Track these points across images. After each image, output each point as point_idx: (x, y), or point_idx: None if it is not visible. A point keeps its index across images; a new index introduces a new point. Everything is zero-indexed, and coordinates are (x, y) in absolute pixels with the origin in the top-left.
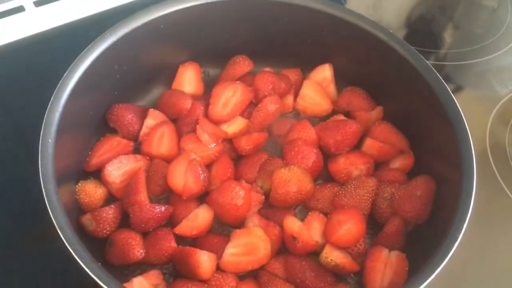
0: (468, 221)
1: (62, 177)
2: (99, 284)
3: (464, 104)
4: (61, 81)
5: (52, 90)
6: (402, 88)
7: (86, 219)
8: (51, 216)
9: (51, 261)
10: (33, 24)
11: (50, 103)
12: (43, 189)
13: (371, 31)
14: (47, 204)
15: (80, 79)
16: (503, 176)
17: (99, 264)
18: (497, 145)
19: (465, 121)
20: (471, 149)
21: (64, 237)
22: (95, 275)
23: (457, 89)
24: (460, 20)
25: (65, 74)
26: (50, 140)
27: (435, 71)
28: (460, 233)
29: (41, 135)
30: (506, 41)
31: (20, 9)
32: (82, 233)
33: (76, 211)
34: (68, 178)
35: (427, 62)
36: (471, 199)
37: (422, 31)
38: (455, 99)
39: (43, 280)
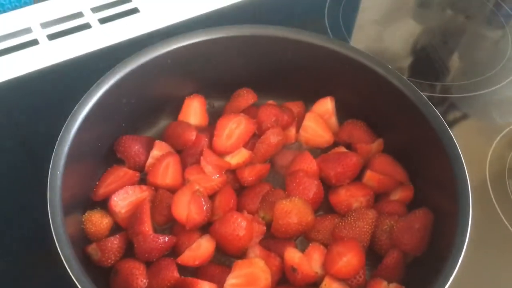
0: (467, 253)
1: (70, 207)
2: None
3: (464, 136)
4: (70, 115)
5: (63, 120)
6: (401, 121)
7: (92, 248)
8: (58, 249)
9: (56, 283)
10: (47, 57)
11: (59, 136)
12: (51, 223)
13: (371, 67)
14: (54, 237)
15: (89, 113)
16: (502, 209)
17: None
18: (497, 178)
19: (461, 155)
20: (467, 183)
21: (70, 270)
22: None
23: (458, 121)
24: (464, 51)
25: (75, 108)
26: (58, 173)
27: (432, 105)
28: (454, 269)
29: (50, 168)
30: (506, 74)
31: (34, 42)
32: (88, 262)
33: (82, 240)
34: (75, 208)
35: (425, 97)
36: (466, 234)
37: (425, 63)
38: (451, 133)
39: None
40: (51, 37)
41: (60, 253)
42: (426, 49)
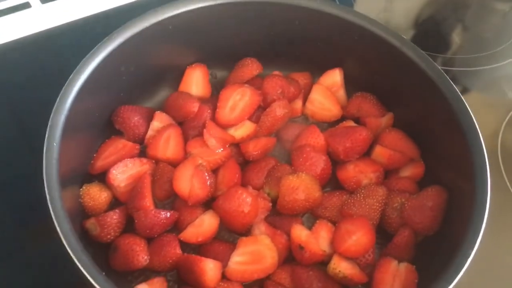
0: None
1: (67, 180)
2: None
3: (474, 111)
4: (67, 83)
5: (57, 88)
6: (413, 94)
7: (90, 223)
8: (55, 223)
9: (52, 254)
10: (39, 21)
11: (55, 105)
12: (47, 196)
13: (383, 36)
14: (51, 211)
15: (87, 81)
16: None
17: (103, 273)
18: (509, 154)
19: (478, 130)
20: (485, 160)
21: (68, 245)
22: (99, 285)
23: (467, 96)
24: (471, 23)
25: (71, 76)
26: (55, 144)
27: (448, 78)
28: (473, 249)
29: (46, 139)
30: None
31: (26, 5)
32: (86, 237)
33: (80, 215)
34: (72, 181)
35: (440, 69)
36: (484, 213)
37: (430, 35)
38: (468, 107)
39: (45, 273)
40: (44, 0)
41: (58, 229)
42: (431, 21)
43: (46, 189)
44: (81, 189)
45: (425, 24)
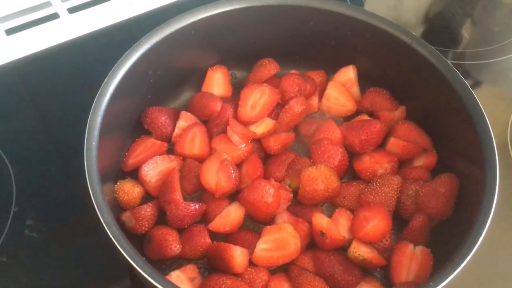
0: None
1: (103, 177)
2: (144, 276)
3: (485, 103)
4: (102, 86)
5: (85, 94)
6: (424, 88)
7: (126, 216)
8: (98, 214)
9: (90, 248)
10: (68, 30)
11: (92, 107)
12: (89, 189)
13: (394, 34)
14: (94, 203)
15: (119, 84)
16: None
17: (144, 259)
18: None
19: (487, 120)
20: (494, 147)
21: (111, 234)
22: (143, 270)
23: (479, 88)
24: (479, 18)
25: (105, 80)
26: (94, 143)
27: (457, 71)
28: (484, 229)
29: (85, 138)
30: None
31: (54, 16)
32: (122, 230)
33: (116, 209)
34: (107, 178)
35: (449, 62)
36: (494, 197)
37: (439, 30)
38: (477, 99)
39: (82, 267)
40: (72, 10)
41: (101, 219)
42: (440, 16)
43: (88, 183)
44: (115, 185)
45: (435, 20)
